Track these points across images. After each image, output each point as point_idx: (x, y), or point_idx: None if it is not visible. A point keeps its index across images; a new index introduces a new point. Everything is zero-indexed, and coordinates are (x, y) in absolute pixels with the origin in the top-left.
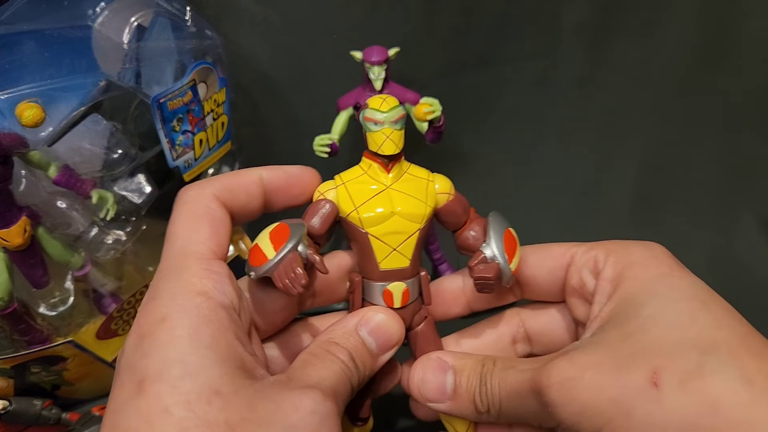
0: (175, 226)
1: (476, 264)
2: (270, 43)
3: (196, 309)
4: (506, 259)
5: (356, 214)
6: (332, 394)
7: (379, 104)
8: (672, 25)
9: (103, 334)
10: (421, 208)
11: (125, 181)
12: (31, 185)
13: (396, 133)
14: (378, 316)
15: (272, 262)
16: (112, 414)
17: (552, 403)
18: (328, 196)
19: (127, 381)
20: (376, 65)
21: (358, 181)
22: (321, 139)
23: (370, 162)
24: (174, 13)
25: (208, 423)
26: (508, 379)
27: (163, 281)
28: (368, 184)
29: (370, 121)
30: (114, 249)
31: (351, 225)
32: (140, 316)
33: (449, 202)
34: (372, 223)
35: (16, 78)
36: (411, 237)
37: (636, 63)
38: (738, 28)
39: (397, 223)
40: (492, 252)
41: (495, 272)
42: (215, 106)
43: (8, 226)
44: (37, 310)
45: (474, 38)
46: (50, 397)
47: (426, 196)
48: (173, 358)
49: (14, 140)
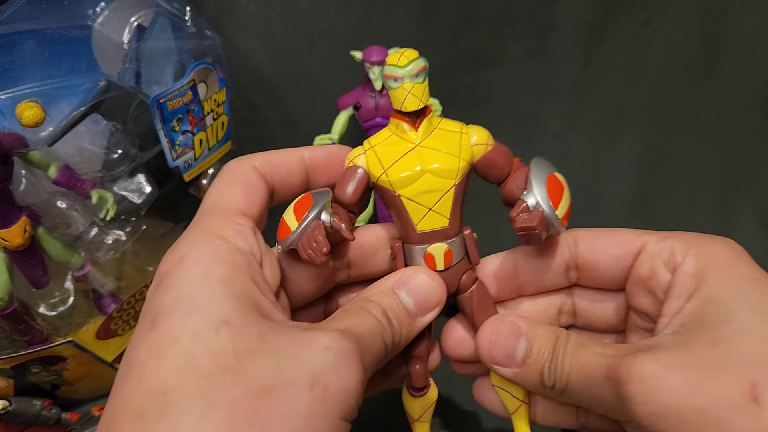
0: (210, 190)
1: (518, 214)
2: (269, 43)
3: (214, 250)
4: (551, 206)
5: (385, 177)
6: (355, 339)
7: (396, 59)
8: (669, 26)
9: (103, 334)
10: (454, 163)
11: (125, 181)
12: (31, 185)
13: (418, 87)
14: (418, 276)
15: (295, 233)
16: (126, 352)
17: (629, 398)
18: (357, 162)
19: (143, 320)
20: (376, 65)
21: (386, 143)
22: (321, 139)
23: (398, 121)
24: (174, 14)
25: (215, 351)
26: (580, 359)
27: (188, 231)
28: (397, 145)
29: (390, 78)
30: (114, 249)
31: (382, 189)
32: (162, 262)
33: (487, 152)
34: (403, 184)
35: (16, 78)
36: (446, 194)
37: (633, 63)
38: (733, 30)
39: (429, 181)
40: (534, 199)
41: (539, 220)
42: (215, 106)
43: (8, 226)
44: (37, 310)
45: (472, 39)
46: (50, 397)
47: (459, 150)
48: (185, 293)
49: (14, 140)
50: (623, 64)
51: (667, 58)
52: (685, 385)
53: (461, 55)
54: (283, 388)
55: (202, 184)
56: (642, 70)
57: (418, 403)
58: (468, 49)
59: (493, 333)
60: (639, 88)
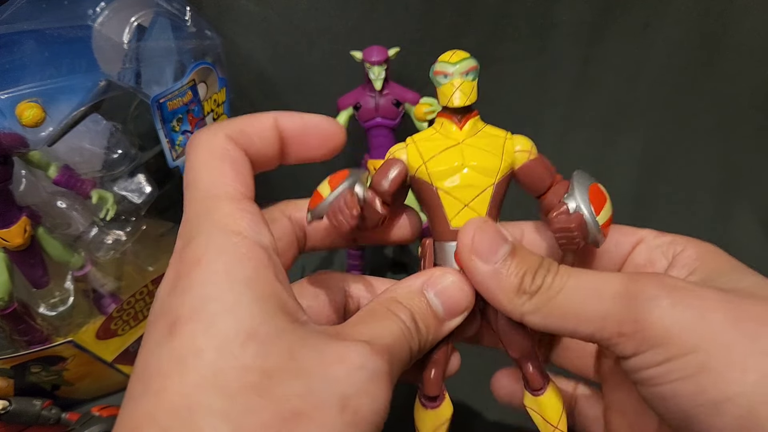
0: (194, 172)
1: (557, 215)
2: (269, 43)
3: (234, 247)
4: (592, 212)
5: (425, 168)
6: (386, 353)
7: (448, 57)
8: (668, 26)
9: (103, 334)
10: (495, 162)
11: (125, 181)
12: (31, 185)
13: (467, 84)
14: (447, 277)
15: (327, 200)
16: (142, 358)
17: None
18: (397, 155)
19: (161, 323)
20: (376, 65)
21: (429, 139)
22: None
23: (442, 120)
24: (174, 14)
25: (243, 367)
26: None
27: (195, 225)
28: (439, 140)
29: (440, 75)
30: (114, 249)
31: (420, 181)
32: (174, 262)
33: (530, 161)
34: (441, 176)
35: (17, 78)
36: (484, 192)
37: (633, 63)
38: (733, 29)
39: (468, 176)
40: (575, 203)
41: (578, 223)
42: (215, 106)
43: (8, 226)
44: (37, 310)
45: (471, 38)
46: (50, 397)
47: (502, 152)
48: (208, 296)
49: (14, 140)
50: (623, 64)
51: (666, 57)
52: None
53: None
54: (312, 412)
55: None
56: (642, 69)
57: (430, 418)
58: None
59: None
60: (639, 88)
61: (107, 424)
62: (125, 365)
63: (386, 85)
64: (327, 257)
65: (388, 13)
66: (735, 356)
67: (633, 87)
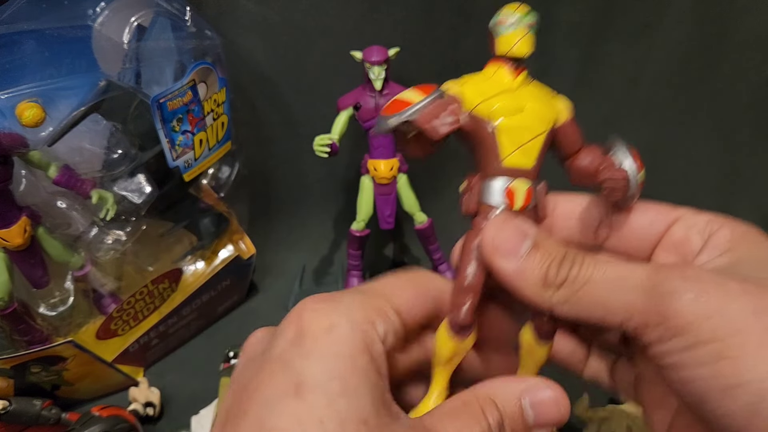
0: None
1: (606, 166)
2: (269, 43)
3: (363, 334)
4: (635, 169)
5: (483, 106)
6: None
7: (514, 8)
8: (668, 26)
9: (103, 334)
10: (548, 113)
11: (125, 181)
12: (32, 185)
13: (530, 36)
14: (547, 391)
15: (421, 103)
16: (262, 403)
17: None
18: (452, 91)
19: (282, 376)
20: (376, 65)
21: (484, 81)
22: (321, 139)
23: (496, 66)
24: (174, 14)
25: None
26: (607, 265)
27: (342, 294)
28: (495, 84)
29: (501, 25)
30: (114, 249)
31: (476, 119)
32: (304, 312)
33: (568, 121)
34: (500, 114)
35: (17, 78)
36: (538, 137)
37: (632, 64)
38: (733, 30)
39: (525, 118)
40: (620, 158)
41: (624, 176)
42: (215, 106)
43: (8, 226)
44: (37, 310)
45: (471, 38)
46: (50, 397)
47: (551, 106)
48: (335, 373)
49: (14, 140)
50: (623, 65)
51: (666, 58)
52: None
53: (461, 54)
54: None
55: (202, 184)
56: (642, 70)
57: (454, 347)
58: (466, 48)
59: (501, 222)
60: (639, 88)
61: (107, 424)
62: (125, 365)
63: (386, 85)
64: (327, 257)
65: (388, 13)
66: (750, 346)
67: (633, 87)
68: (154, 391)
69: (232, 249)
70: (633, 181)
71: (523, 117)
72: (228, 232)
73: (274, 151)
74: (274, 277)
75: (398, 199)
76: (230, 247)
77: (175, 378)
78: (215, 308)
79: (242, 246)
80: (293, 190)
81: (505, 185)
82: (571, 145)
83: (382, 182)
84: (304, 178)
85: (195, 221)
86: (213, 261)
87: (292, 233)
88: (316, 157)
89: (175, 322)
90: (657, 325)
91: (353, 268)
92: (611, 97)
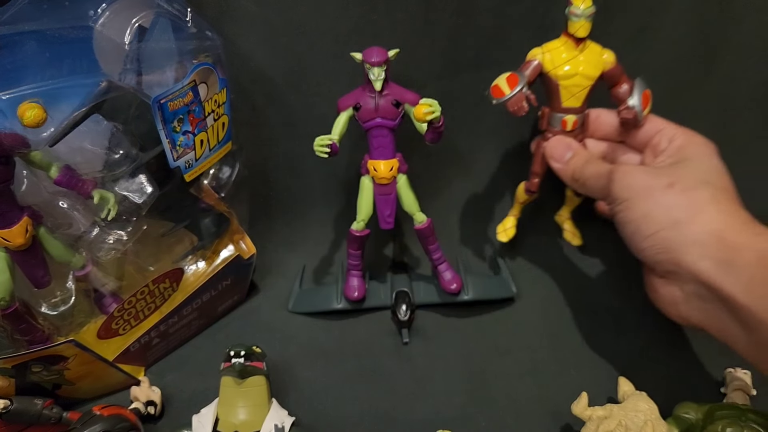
0: None
1: (623, 109)
2: (270, 43)
3: None
4: (641, 109)
5: (554, 70)
6: None
7: (580, 3)
8: (666, 27)
9: (104, 334)
10: (593, 72)
11: (126, 181)
12: (33, 185)
13: (587, 24)
14: None
15: (508, 96)
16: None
17: (613, 181)
18: (536, 58)
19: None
20: (376, 66)
21: (557, 51)
22: (321, 139)
23: (566, 39)
24: (175, 14)
25: None
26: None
27: None
28: (564, 53)
29: (572, 14)
30: (115, 249)
31: (548, 77)
32: None
33: (612, 68)
34: (562, 77)
35: (18, 78)
36: (584, 89)
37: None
38: (731, 31)
39: (577, 78)
40: (633, 102)
41: (634, 115)
42: (216, 107)
43: (10, 226)
44: (38, 310)
45: (470, 39)
46: (51, 396)
47: (597, 64)
48: None
49: (16, 140)
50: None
51: (664, 59)
52: (643, 176)
53: (461, 55)
54: None
55: (203, 184)
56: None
57: (525, 197)
58: (466, 49)
59: (557, 142)
60: None
61: (108, 423)
62: (126, 364)
63: (386, 85)
64: (327, 257)
65: (388, 14)
66: (656, 208)
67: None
68: (155, 390)
69: (232, 249)
70: (639, 117)
71: (576, 78)
72: (228, 232)
73: (274, 151)
74: (274, 277)
75: (398, 199)
76: (231, 247)
77: (176, 377)
78: (216, 308)
79: (243, 246)
80: (293, 191)
81: (562, 117)
82: (613, 80)
83: (381, 182)
84: (305, 178)
85: (196, 221)
86: (214, 261)
87: (292, 233)
88: (316, 158)
89: (176, 322)
90: (609, 194)
91: (353, 268)
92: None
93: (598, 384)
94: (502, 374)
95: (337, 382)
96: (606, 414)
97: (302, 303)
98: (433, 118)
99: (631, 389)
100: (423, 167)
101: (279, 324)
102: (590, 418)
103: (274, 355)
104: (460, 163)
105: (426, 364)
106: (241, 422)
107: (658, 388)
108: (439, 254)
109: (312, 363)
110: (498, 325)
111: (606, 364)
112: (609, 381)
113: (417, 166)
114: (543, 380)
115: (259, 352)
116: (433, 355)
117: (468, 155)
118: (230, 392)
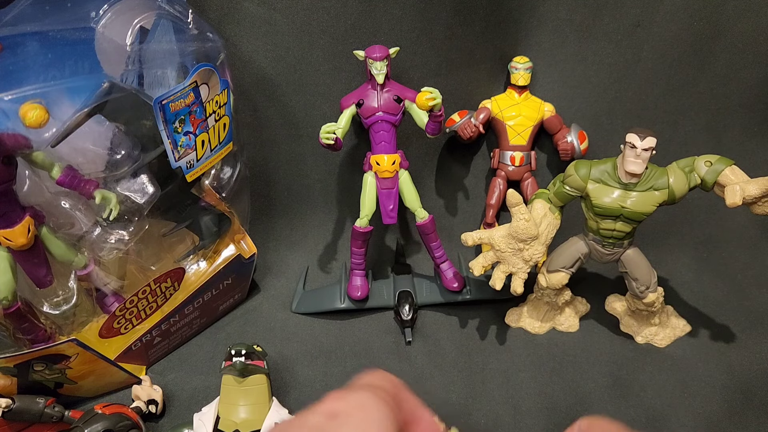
0: None
1: (562, 142)
2: (270, 44)
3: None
4: (578, 143)
5: (500, 114)
6: None
7: (519, 59)
8: (659, 25)
9: (106, 333)
10: (534, 115)
11: (128, 181)
12: (35, 185)
13: (526, 75)
14: None
15: (458, 123)
16: None
17: None
18: (486, 105)
19: None
20: (378, 60)
21: (502, 99)
22: (328, 126)
23: (510, 90)
24: (176, 16)
25: None
26: None
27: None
28: (508, 101)
29: (514, 68)
30: (117, 248)
31: (497, 119)
32: (341, 398)
33: (552, 116)
34: (508, 118)
35: (20, 79)
36: (527, 128)
37: (623, 62)
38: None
39: (522, 121)
40: (571, 138)
41: (571, 147)
42: (217, 108)
43: (12, 226)
44: (40, 309)
45: (466, 37)
46: (53, 395)
47: (538, 110)
48: None
49: (18, 141)
50: (614, 63)
51: (657, 57)
52: None
53: (457, 53)
54: None
55: (204, 184)
56: (633, 69)
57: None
58: (462, 48)
59: None
60: (629, 87)
61: (110, 421)
62: (128, 363)
63: (387, 82)
64: (328, 256)
65: (387, 14)
66: None
67: (623, 86)
68: (157, 389)
69: (233, 248)
70: (576, 150)
71: (521, 120)
72: (229, 231)
73: (275, 151)
74: (275, 276)
75: (400, 196)
76: (232, 247)
77: (178, 376)
78: (217, 307)
79: (243, 245)
80: (294, 190)
81: (510, 154)
82: (553, 128)
83: (384, 176)
84: (305, 178)
85: (197, 221)
86: (215, 260)
87: (292, 233)
88: (316, 158)
89: (177, 321)
90: None
91: (356, 267)
92: (602, 96)
93: (594, 380)
94: (500, 371)
95: (338, 380)
96: None
97: (306, 304)
98: (434, 105)
99: None
100: (424, 165)
101: (280, 323)
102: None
103: (274, 353)
104: (460, 165)
105: (425, 363)
106: (241, 420)
107: None
108: (440, 252)
109: (312, 362)
110: (497, 325)
111: (605, 361)
112: (605, 378)
113: (418, 163)
114: (541, 377)
115: (259, 351)
116: (433, 354)
117: (469, 154)
118: (231, 391)
